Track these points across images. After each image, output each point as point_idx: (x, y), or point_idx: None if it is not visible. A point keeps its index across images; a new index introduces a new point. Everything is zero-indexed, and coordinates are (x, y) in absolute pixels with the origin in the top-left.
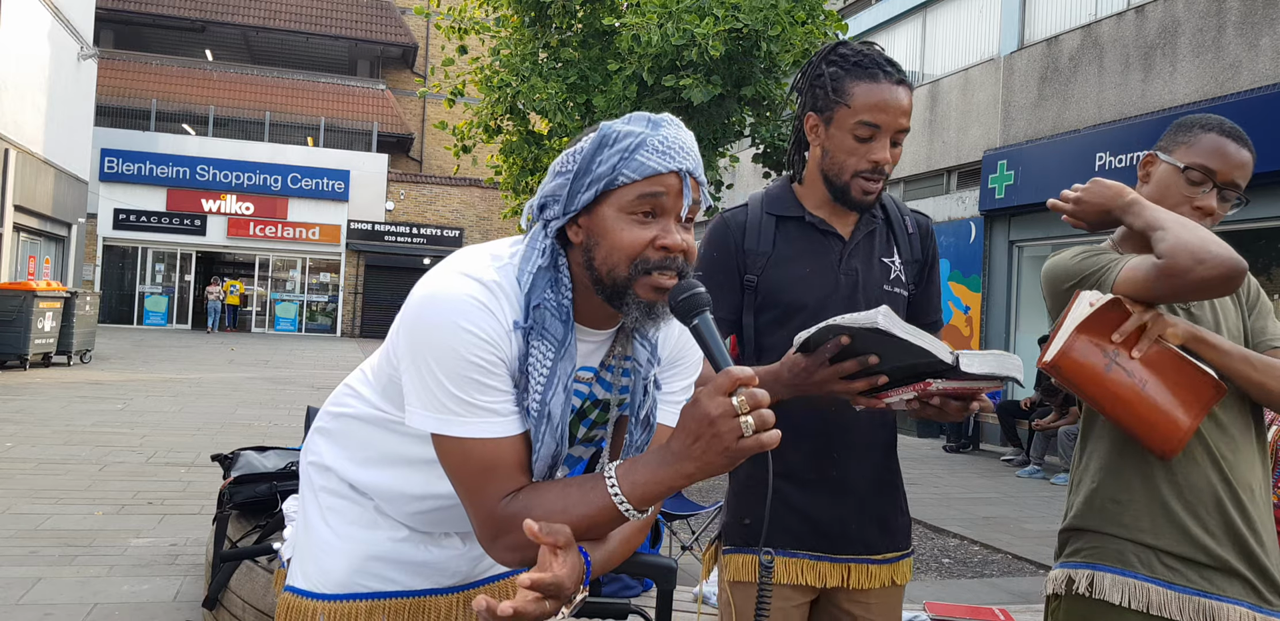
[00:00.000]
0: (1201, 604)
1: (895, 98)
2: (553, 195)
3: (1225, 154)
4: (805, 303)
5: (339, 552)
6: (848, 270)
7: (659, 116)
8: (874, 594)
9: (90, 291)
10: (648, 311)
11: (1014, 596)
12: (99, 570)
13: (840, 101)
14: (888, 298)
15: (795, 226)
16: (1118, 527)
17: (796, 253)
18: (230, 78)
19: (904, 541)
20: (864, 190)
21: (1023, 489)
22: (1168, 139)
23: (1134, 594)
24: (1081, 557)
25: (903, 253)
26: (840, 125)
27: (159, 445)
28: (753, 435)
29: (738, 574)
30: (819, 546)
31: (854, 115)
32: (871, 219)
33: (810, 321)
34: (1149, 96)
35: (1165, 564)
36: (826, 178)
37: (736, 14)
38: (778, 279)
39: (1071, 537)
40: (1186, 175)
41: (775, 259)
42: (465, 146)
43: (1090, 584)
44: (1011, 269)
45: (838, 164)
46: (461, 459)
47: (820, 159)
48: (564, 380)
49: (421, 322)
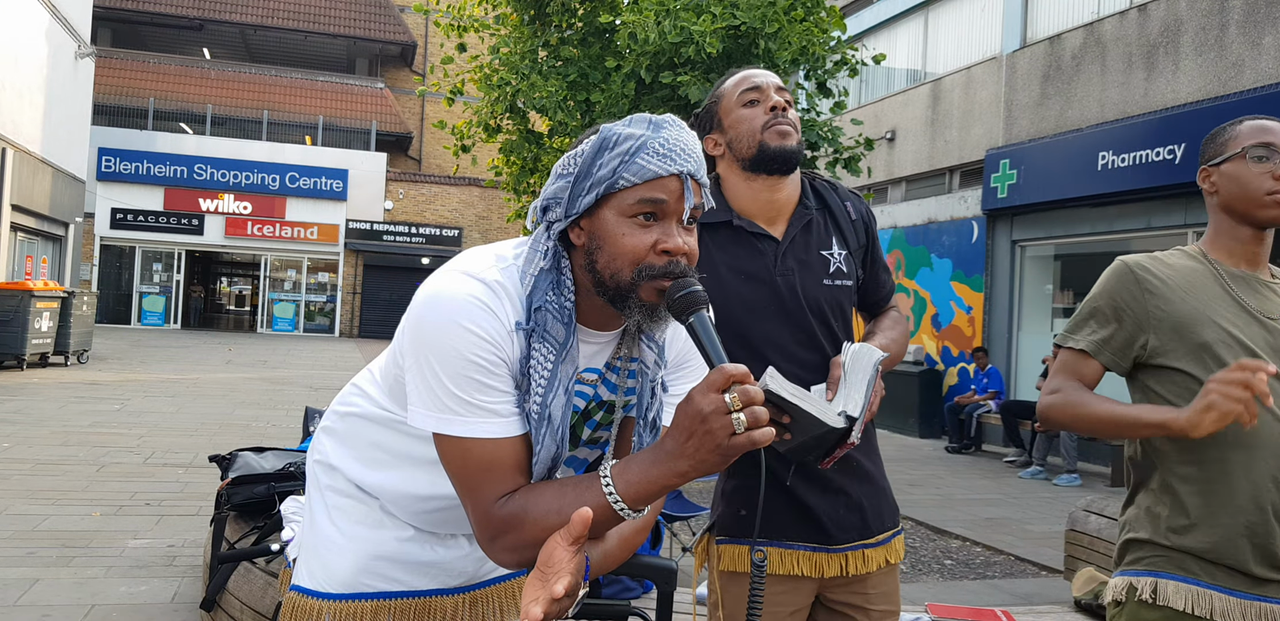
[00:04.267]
0: (1264, 608)
1: (756, 70)
2: (554, 198)
3: (1269, 128)
4: (742, 309)
5: (345, 552)
6: (783, 271)
7: (660, 118)
8: (872, 580)
9: (87, 291)
10: (650, 313)
11: (1016, 598)
12: (96, 571)
13: (716, 105)
14: (827, 292)
15: (725, 233)
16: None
17: (726, 259)
18: (228, 76)
19: (892, 519)
20: (779, 134)
21: (1025, 490)
22: (1209, 150)
23: (1198, 600)
24: (1144, 566)
25: (848, 242)
26: (728, 112)
27: (156, 446)
28: (745, 432)
29: (732, 564)
30: (815, 538)
31: (732, 95)
32: (805, 211)
33: (742, 332)
34: (1152, 95)
35: (1227, 573)
36: (743, 159)
37: (734, 11)
38: (711, 287)
39: (1132, 547)
40: (1250, 156)
41: (705, 269)
42: (465, 146)
43: (1154, 591)
44: (1014, 268)
45: (743, 134)
46: (461, 458)
47: (729, 155)
48: (565, 382)
49: (424, 322)
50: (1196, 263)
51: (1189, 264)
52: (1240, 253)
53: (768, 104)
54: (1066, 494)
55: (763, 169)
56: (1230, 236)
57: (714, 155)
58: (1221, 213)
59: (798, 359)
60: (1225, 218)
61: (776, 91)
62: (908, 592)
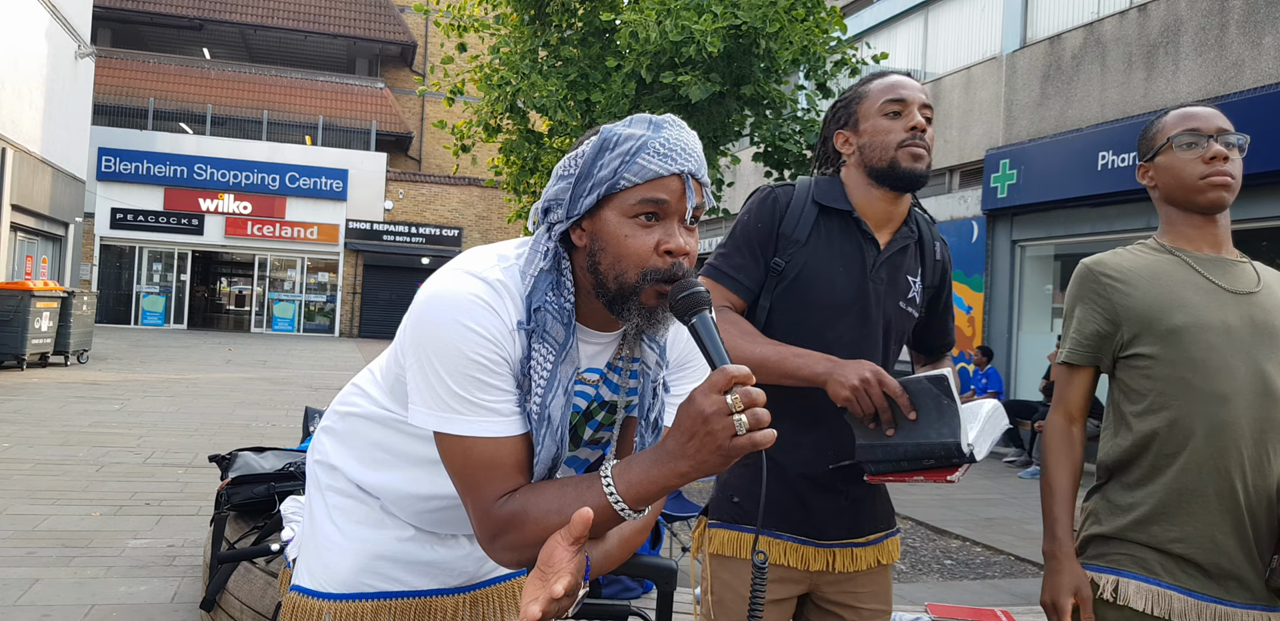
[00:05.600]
0: (1220, 610)
1: (907, 81)
2: (556, 199)
3: (1193, 115)
4: (829, 300)
5: (345, 552)
6: (875, 277)
7: (660, 118)
8: (860, 580)
9: (87, 291)
10: (649, 316)
11: (1016, 598)
12: (96, 571)
13: (858, 103)
14: (899, 315)
15: (839, 221)
16: (1145, 536)
17: (833, 246)
18: (228, 76)
19: (886, 521)
20: (912, 155)
21: (1025, 490)
22: (1142, 146)
23: (1158, 600)
24: (1106, 562)
25: (926, 276)
26: (866, 116)
27: (156, 446)
28: (746, 434)
29: (722, 548)
30: (804, 531)
31: (877, 100)
32: (909, 233)
33: (819, 322)
34: (1152, 95)
35: (1186, 572)
36: (871, 168)
37: (735, 11)
38: (808, 268)
39: (1094, 542)
40: (1176, 145)
41: (809, 248)
42: (465, 146)
43: (1115, 590)
44: (1014, 268)
45: (879, 145)
46: (462, 457)
47: (859, 159)
48: (564, 383)
49: (425, 320)
50: (1159, 253)
51: (1151, 255)
52: (1200, 238)
53: (909, 121)
54: None
55: (887, 184)
56: (1184, 224)
57: (842, 153)
58: (1167, 205)
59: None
60: (1172, 209)
61: (920, 109)
62: (908, 592)
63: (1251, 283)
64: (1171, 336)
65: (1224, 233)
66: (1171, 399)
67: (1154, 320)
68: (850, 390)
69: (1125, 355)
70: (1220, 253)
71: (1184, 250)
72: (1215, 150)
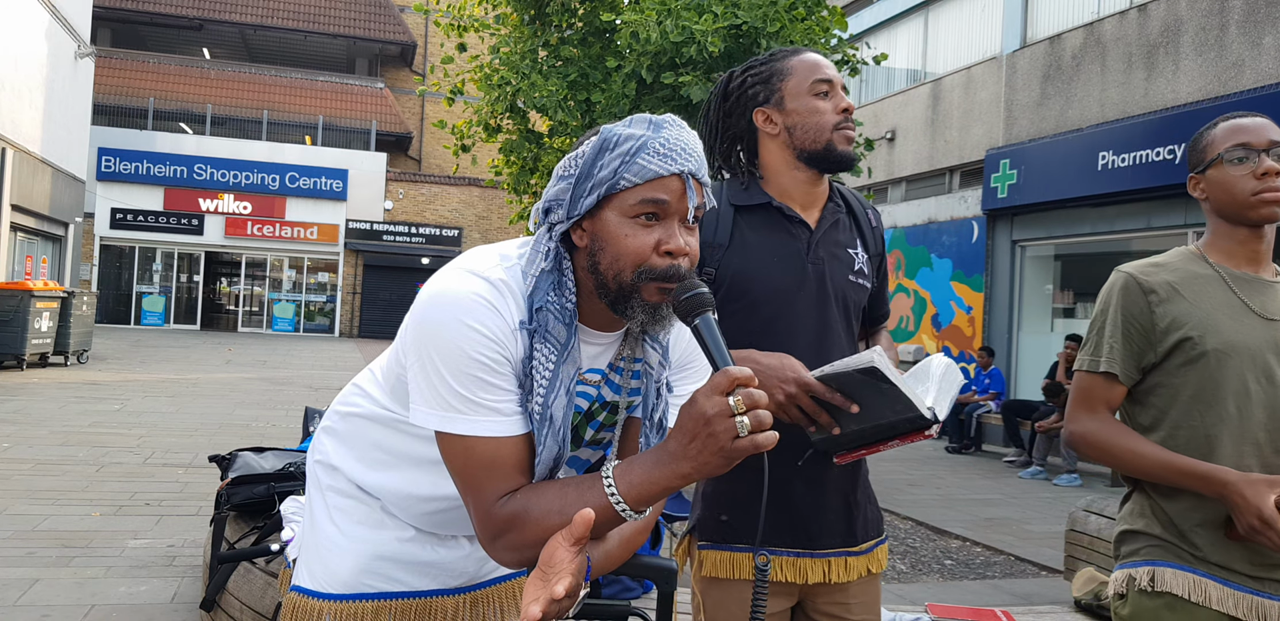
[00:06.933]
0: (1257, 602)
1: (825, 59)
2: (556, 199)
3: (1243, 127)
4: (772, 292)
5: (346, 552)
6: (815, 259)
7: (660, 118)
8: (853, 589)
9: (87, 291)
10: (652, 314)
11: (1016, 598)
12: (96, 571)
13: (781, 80)
14: (853, 288)
15: (760, 215)
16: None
17: (761, 240)
18: (228, 76)
19: (878, 527)
20: (847, 139)
21: (1025, 490)
22: (1193, 157)
23: (1195, 587)
24: (1141, 556)
25: (868, 246)
26: (794, 96)
27: (156, 446)
28: (748, 436)
29: (714, 570)
30: (800, 542)
31: (804, 80)
32: (835, 208)
33: (770, 315)
34: (1152, 95)
35: (1218, 564)
36: (803, 150)
37: (735, 11)
38: (740, 268)
39: (1128, 538)
40: (1227, 160)
41: (734, 249)
42: (464, 145)
43: (1152, 579)
44: (1014, 268)
45: (812, 127)
46: (464, 457)
47: (787, 139)
48: (566, 383)
49: (428, 320)
50: (1199, 267)
51: (1191, 269)
52: (1240, 253)
53: (839, 103)
54: (1066, 494)
55: (818, 166)
56: (1228, 238)
57: (765, 131)
58: (1217, 217)
59: (818, 347)
60: (1221, 221)
61: (843, 90)
62: (908, 592)
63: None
64: (1200, 359)
65: (1266, 248)
66: (1188, 418)
67: (1188, 343)
68: (777, 405)
69: (1150, 371)
70: (1259, 271)
71: (1223, 267)
72: (1267, 165)
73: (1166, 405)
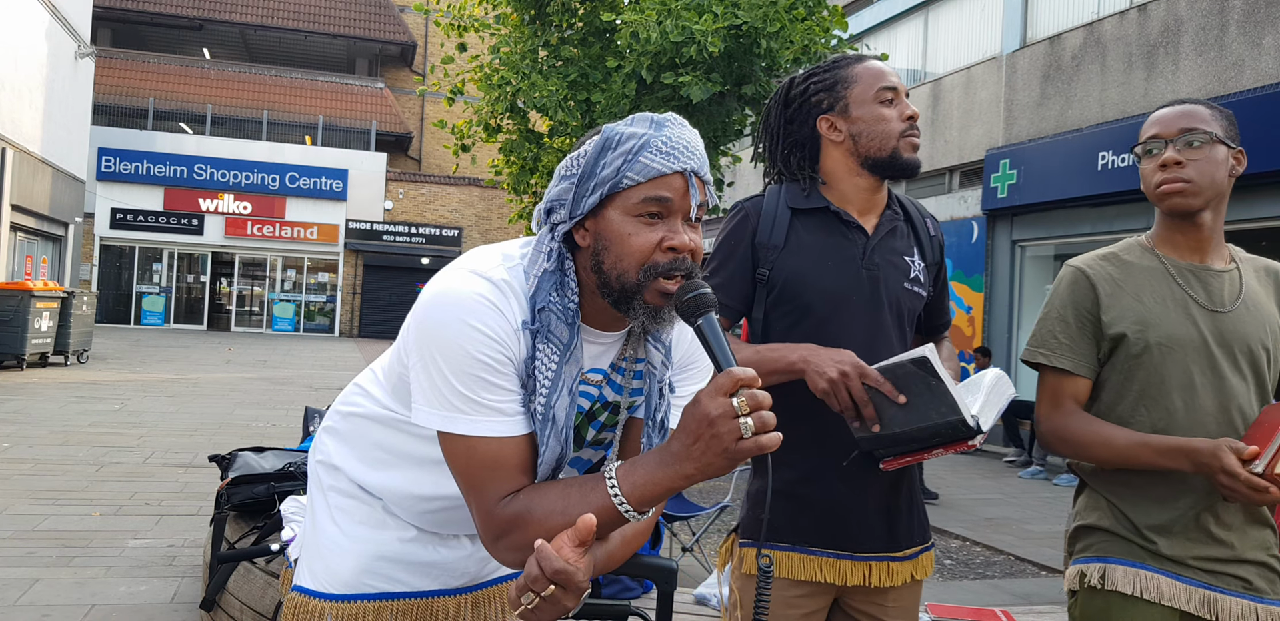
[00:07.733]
0: (1207, 596)
1: (885, 66)
2: (558, 199)
3: (1158, 118)
4: (825, 295)
5: (347, 552)
6: (869, 264)
7: (662, 116)
8: (892, 594)
9: (87, 291)
10: (654, 315)
11: (1016, 598)
12: (96, 571)
13: (846, 88)
14: (908, 296)
15: (817, 218)
16: (1129, 530)
17: (816, 243)
18: (228, 76)
19: (923, 534)
20: (912, 146)
21: (1025, 490)
22: None
23: (1145, 584)
24: (1093, 552)
25: (925, 254)
26: (860, 103)
27: (156, 446)
28: (752, 437)
29: (752, 568)
30: (840, 544)
31: (870, 87)
32: (894, 215)
33: (822, 318)
34: (1152, 95)
35: (1171, 558)
36: (868, 157)
37: (735, 11)
38: (794, 270)
39: (1081, 534)
40: (1142, 151)
41: (790, 251)
42: (465, 145)
43: (1102, 576)
44: (1014, 268)
45: (878, 134)
46: (466, 457)
47: (852, 147)
48: (569, 383)
49: (430, 320)
50: (1147, 260)
51: (1138, 262)
52: (1184, 244)
53: (904, 111)
54: (1066, 494)
55: (882, 173)
56: (1170, 228)
57: (829, 138)
58: None
59: (869, 351)
60: (1159, 213)
61: (907, 97)
62: None
63: (1231, 297)
64: (1144, 353)
65: (1210, 236)
66: (1135, 414)
67: (1129, 339)
68: (828, 383)
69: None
70: (1206, 259)
71: (1170, 258)
72: (1165, 156)
73: (1114, 401)
